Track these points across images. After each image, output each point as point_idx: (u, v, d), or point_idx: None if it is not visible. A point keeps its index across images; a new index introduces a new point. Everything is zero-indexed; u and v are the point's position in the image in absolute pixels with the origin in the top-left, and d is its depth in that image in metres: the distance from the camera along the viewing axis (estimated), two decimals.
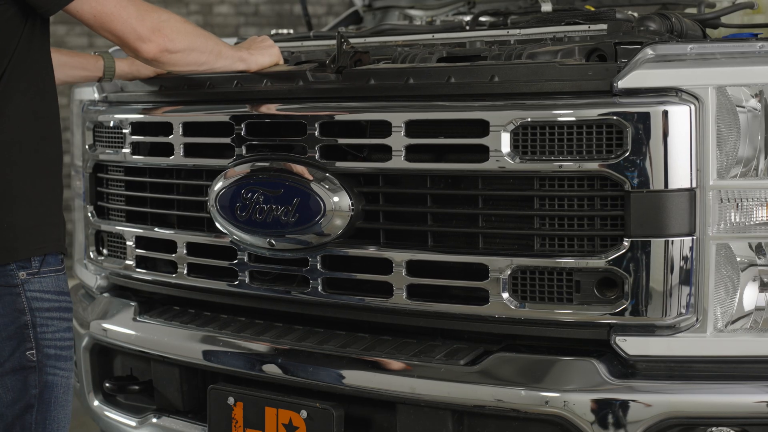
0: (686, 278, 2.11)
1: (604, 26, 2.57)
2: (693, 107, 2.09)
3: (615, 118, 2.10)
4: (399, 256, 2.32)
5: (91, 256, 3.03)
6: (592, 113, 2.12)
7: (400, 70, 2.37)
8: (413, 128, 2.29)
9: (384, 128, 2.32)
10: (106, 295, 3.01)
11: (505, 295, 2.21)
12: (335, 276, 2.44)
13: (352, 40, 2.62)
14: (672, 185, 2.09)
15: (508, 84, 2.23)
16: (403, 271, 2.32)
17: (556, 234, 2.18)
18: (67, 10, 2.10)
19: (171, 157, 2.69)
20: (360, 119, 2.40)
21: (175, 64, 2.33)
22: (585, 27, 2.57)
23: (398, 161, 2.30)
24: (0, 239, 2.09)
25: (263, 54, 2.56)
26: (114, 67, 2.71)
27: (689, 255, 2.11)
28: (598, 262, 2.13)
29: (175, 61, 2.30)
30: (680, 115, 2.08)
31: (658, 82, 2.12)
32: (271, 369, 2.47)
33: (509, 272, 2.20)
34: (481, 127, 2.20)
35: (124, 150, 2.82)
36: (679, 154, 2.09)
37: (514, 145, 2.18)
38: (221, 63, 2.45)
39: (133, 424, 2.84)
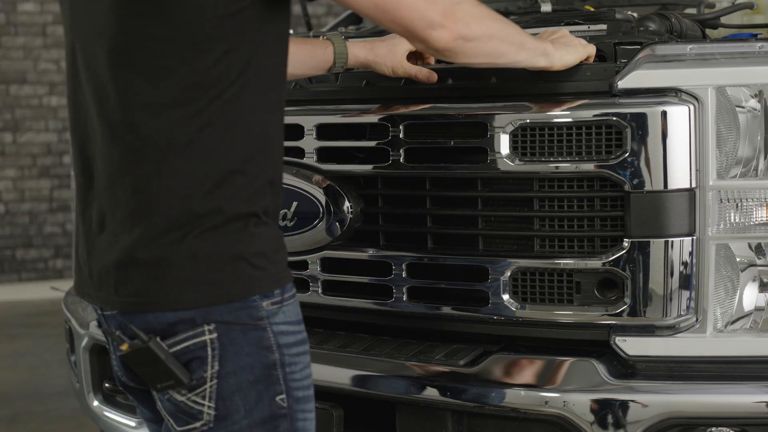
0: (686, 279, 2.11)
1: (604, 26, 2.57)
2: (692, 107, 2.09)
3: (614, 118, 2.10)
4: (399, 259, 2.32)
5: None
6: (592, 114, 2.12)
7: None
8: (411, 130, 2.29)
9: (382, 130, 2.32)
10: None
11: (506, 296, 2.22)
12: (334, 279, 2.44)
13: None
14: (672, 185, 2.09)
15: (506, 85, 2.22)
16: (403, 273, 2.32)
17: (556, 235, 2.18)
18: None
19: None
20: (357, 122, 2.40)
21: (470, 55, 1.91)
22: (584, 27, 2.57)
23: (397, 163, 2.30)
24: (244, 268, 1.71)
25: (568, 51, 2.17)
26: (346, 53, 2.30)
27: (689, 255, 2.11)
28: (598, 263, 2.13)
29: (470, 50, 1.89)
30: (680, 116, 2.08)
31: (658, 83, 2.12)
32: None
33: (509, 274, 2.21)
34: (480, 129, 2.20)
35: None
36: (679, 155, 2.09)
37: (513, 146, 2.18)
38: (522, 55, 2.05)
39: (133, 424, 2.84)
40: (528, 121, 2.16)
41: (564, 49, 2.16)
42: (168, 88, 1.66)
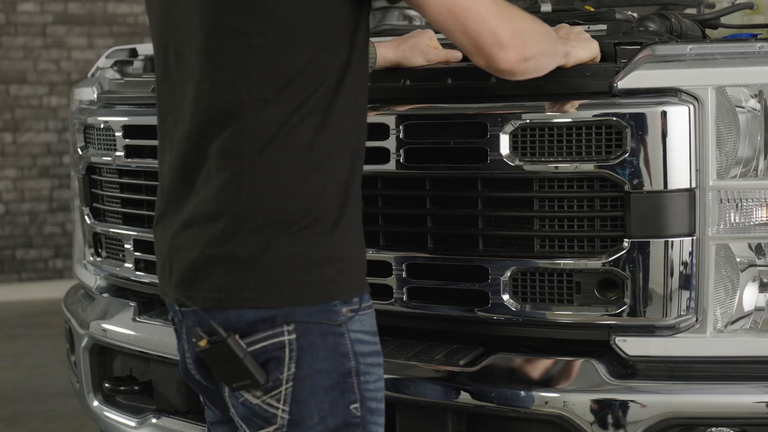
0: (686, 279, 2.11)
1: (604, 27, 2.57)
2: (692, 108, 2.08)
3: (614, 119, 2.09)
4: (399, 259, 2.32)
5: (90, 258, 3.02)
6: (592, 114, 2.12)
7: (396, 71, 2.36)
8: (411, 130, 2.29)
9: (382, 130, 2.32)
10: (105, 295, 3.01)
11: (506, 296, 2.22)
12: None
13: None
14: (672, 186, 2.09)
15: (506, 85, 2.22)
16: (403, 273, 2.32)
17: (556, 235, 2.18)
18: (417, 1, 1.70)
19: None
20: None
21: (526, 73, 1.88)
22: (584, 27, 2.57)
23: (396, 164, 2.30)
24: (329, 272, 1.71)
25: (583, 47, 2.17)
26: (375, 55, 2.31)
27: (689, 255, 2.11)
28: (598, 263, 2.13)
29: (527, 69, 1.86)
30: (680, 116, 2.08)
31: (658, 83, 2.12)
32: None
33: (509, 274, 2.21)
34: (480, 129, 2.20)
35: (117, 153, 2.81)
36: (679, 155, 2.08)
37: (513, 146, 2.17)
38: (555, 63, 2.04)
39: (133, 424, 2.84)
40: (528, 121, 2.16)
41: (579, 46, 2.16)
42: (264, 85, 1.66)
